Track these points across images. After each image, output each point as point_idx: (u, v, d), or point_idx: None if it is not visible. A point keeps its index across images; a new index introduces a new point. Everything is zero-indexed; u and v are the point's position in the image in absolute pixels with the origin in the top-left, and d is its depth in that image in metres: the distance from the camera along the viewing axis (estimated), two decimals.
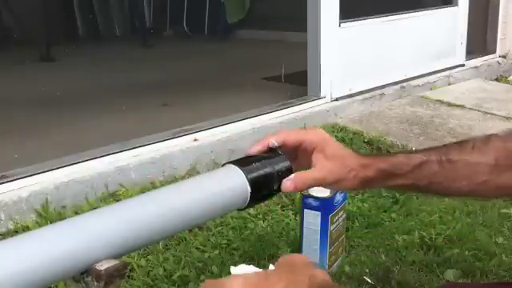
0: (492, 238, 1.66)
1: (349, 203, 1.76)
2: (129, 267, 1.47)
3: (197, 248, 1.61)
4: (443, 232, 1.67)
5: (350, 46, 2.93)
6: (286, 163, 0.82)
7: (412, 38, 3.31)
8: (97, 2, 5.59)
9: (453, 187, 0.88)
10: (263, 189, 0.80)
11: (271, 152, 0.83)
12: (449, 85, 3.47)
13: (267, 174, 0.80)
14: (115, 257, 0.65)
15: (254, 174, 0.78)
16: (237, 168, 0.78)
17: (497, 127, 2.66)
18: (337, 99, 2.87)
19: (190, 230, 1.67)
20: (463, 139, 0.90)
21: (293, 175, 0.82)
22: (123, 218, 0.69)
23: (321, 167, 0.84)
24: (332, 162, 0.84)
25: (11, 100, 3.18)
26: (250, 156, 0.82)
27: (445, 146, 0.90)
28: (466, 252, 1.58)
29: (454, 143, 0.90)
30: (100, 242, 0.64)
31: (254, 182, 0.78)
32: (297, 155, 0.87)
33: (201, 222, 0.79)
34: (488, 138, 0.88)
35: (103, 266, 0.62)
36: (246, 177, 0.77)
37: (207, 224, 1.71)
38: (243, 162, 0.80)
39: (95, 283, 0.61)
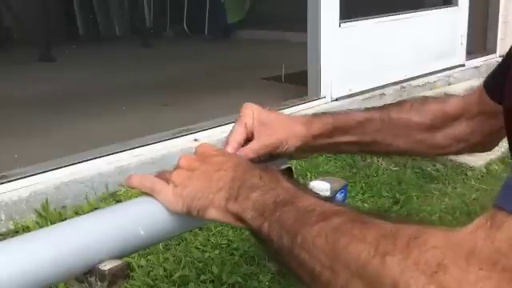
0: None
1: (349, 203, 1.76)
2: (130, 267, 1.47)
3: (197, 248, 1.61)
4: None
5: (350, 46, 2.93)
6: (287, 164, 0.82)
7: (412, 38, 3.31)
8: (97, 2, 5.59)
9: (393, 145, 0.91)
10: None
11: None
12: (449, 85, 3.47)
13: None
14: (118, 257, 0.65)
15: None
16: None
17: None
18: (337, 99, 2.87)
19: (190, 230, 1.67)
20: (401, 99, 0.93)
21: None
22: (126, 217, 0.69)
23: (259, 137, 0.84)
24: (272, 126, 0.85)
25: (11, 100, 3.18)
26: (250, 158, 0.82)
27: (385, 105, 0.94)
28: None
29: (393, 103, 0.95)
30: (103, 243, 0.65)
31: None
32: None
33: (201, 224, 0.80)
34: (425, 100, 0.92)
35: (106, 266, 0.62)
36: None
37: (207, 224, 1.71)
38: None
39: (99, 283, 0.62)
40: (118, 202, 1.79)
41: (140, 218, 0.69)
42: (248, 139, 0.84)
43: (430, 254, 0.46)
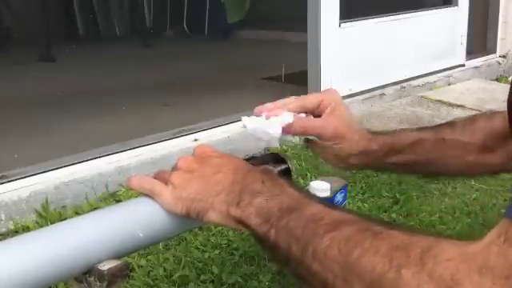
0: None
1: (349, 203, 1.76)
2: (129, 267, 1.47)
3: (197, 248, 1.61)
4: (443, 232, 1.67)
5: (350, 46, 2.93)
6: (287, 164, 0.82)
7: (412, 38, 3.31)
8: (97, 2, 5.59)
9: (445, 166, 0.90)
10: None
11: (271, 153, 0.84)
12: (449, 85, 3.47)
13: None
14: (117, 257, 0.65)
15: None
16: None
17: None
18: None
19: (190, 230, 1.67)
20: (452, 120, 0.92)
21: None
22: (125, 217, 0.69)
23: (324, 119, 0.85)
24: (340, 119, 0.85)
25: (11, 100, 3.18)
26: (250, 158, 0.82)
27: (437, 126, 0.93)
28: None
29: (444, 123, 0.94)
30: (102, 243, 0.64)
31: None
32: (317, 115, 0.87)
33: (201, 224, 0.80)
34: (474, 118, 0.92)
35: (106, 266, 0.62)
36: None
37: (207, 224, 1.71)
38: None
39: (98, 283, 0.62)
40: (118, 201, 1.79)
41: (139, 218, 0.69)
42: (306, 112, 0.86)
43: (443, 266, 0.46)
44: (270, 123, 0.82)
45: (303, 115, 0.85)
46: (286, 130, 0.82)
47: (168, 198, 0.68)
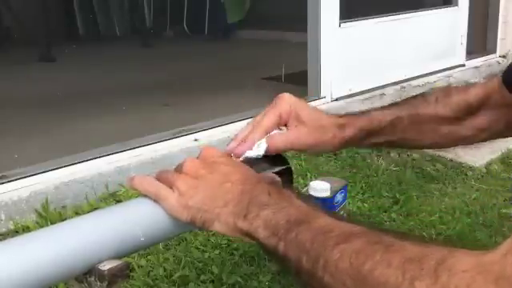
0: (492, 238, 1.66)
1: (349, 203, 1.76)
2: (130, 267, 1.47)
3: (197, 248, 1.61)
4: (443, 232, 1.67)
5: (350, 46, 2.93)
6: (287, 164, 0.82)
7: (412, 38, 3.31)
8: (97, 2, 5.59)
9: (419, 141, 0.92)
10: None
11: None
12: (449, 85, 3.47)
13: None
14: (118, 257, 0.65)
15: None
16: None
17: None
18: (337, 99, 2.87)
19: (190, 231, 1.67)
20: (425, 91, 0.93)
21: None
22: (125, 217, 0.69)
23: (294, 130, 0.84)
24: (307, 124, 0.84)
25: (11, 100, 3.18)
26: (250, 158, 0.82)
27: (409, 99, 0.94)
28: None
29: (418, 95, 0.95)
30: (102, 243, 0.65)
31: None
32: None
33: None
34: (449, 91, 0.92)
35: (106, 266, 0.62)
36: None
37: None
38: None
39: (98, 283, 0.62)
40: (118, 202, 1.79)
41: (140, 219, 0.69)
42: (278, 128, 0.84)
43: (459, 278, 0.46)
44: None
45: (275, 131, 0.83)
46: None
47: (173, 205, 0.67)
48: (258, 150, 0.80)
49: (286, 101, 0.85)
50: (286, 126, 0.85)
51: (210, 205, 0.66)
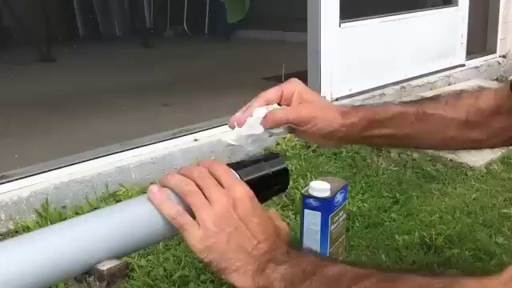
0: (492, 237, 1.66)
1: (349, 203, 1.76)
2: (129, 267, 1.47)
3: None
4: (443, 232, 1.67)
5: (350, 46, 2.93)
6: (283, 165, 0.82)
7: (412, 38, 3.31)
8: (97, 2, 5.59)
9: (426, 140, 0.92)
10: (260, 191, 0.78)
11: (268, 153, 0.84)
12: (449, 85, 3.47)
13: (263, 176, 0.80)
14: (117, 257, 0.65)
15: (250, 177, 0.78)
16: (232, 171, 0.77)
17: None
18: (337, 99, 2.87)
19: None
20: (436, 94, 0.93)
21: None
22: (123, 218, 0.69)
23: (295, 106, 0.86)
24: (310, 102, 0.87)
25: (11, 100, 3.18)
26: (246, 159, 0.82)
27: (420, 99, 0.94)
28: (466, 252, 1.58)
29: (428, 98, 0.95)
30: (102, 243, 0.64)
31: (249, 185, 0.76)
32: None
33: None
34: (459, 95, 0.93)
35: (105, 266, 0.62)
36: (241, 179, 0.77)
37: None
38: (238, 165, 0.80)
39: (97, 283, 0.62)
40: (118, 201, 1.79)
41: (139, 218, 0.69)
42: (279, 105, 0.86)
43: None
44: (248, 127, 0.83)
45: (275, 105, 0.86)
46: (262, 125, 0.84)
47: (195, 240, 0.67)
48: (259, 112, 0.83)
49: (292, 83, 0.89)
50: (287, 106, 0.87)
51: (232, 257, 0.67)
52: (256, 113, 0.85)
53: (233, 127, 0.86)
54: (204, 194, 0.69)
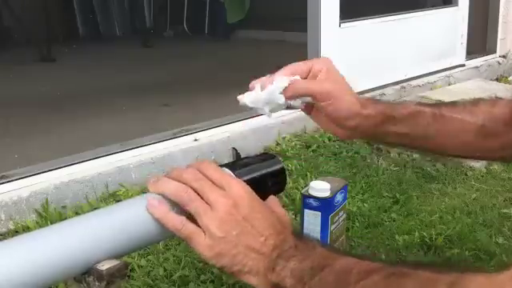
0: (492, 237, 1.66)
1: (349, 203, 1.76)
2: (129, 267, 1.47)
3: None
4: (443, 232, 1.67)
5: (350, 46, 2.93)
6: (280, 165, 0.82)
7: (412, 38, 3.31)
8: (97, 2, 5.59)
9: (439, 143, 0.90)
10: (256, 191, 0.77)
11: (265, 154, 0.84)
12: (449, 85, 3.47)
13: (260, 176, 0.79)
14: (116, 257, 0.65)
15: (246, 177, 0.77)
16: (229, 171, 0.77)
17: None
18: None
19: None
20: (453, 100, 0.93)
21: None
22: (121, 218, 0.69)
23: (317, 81, 0.86)
24: (331, 82, 0.87)
25: (11, 100, 3.18)
26: (243, 158, 0.82)
27: (437, 103, 0.94)
28: (466, 252, 1.58)
29: (445, 103, 0.94)
30: (101, 243, 0.64)
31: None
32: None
33: None
34: (477, 101, 0.92)
35: (104, 266, 0.62)
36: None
37: None
38: (234, 166, 0.79)
39: (96, 283, 0.62)
40: (118, 201, 1.79)
41: (139, 218, 0.69)
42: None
43: None
44: (268, 92, 0.83)
45: (298, 77, 0.86)
46: (284, 93, 0.84)
47: (204, 250, 0.68)
48: (281, 81, 0.84)
49: (324, 60, 0.89)
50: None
51: (243, 258, 0.68)
52: (278, 81, 0.84)
53: (253, 88, 0.86)
54: (202, 198, 0.68)
